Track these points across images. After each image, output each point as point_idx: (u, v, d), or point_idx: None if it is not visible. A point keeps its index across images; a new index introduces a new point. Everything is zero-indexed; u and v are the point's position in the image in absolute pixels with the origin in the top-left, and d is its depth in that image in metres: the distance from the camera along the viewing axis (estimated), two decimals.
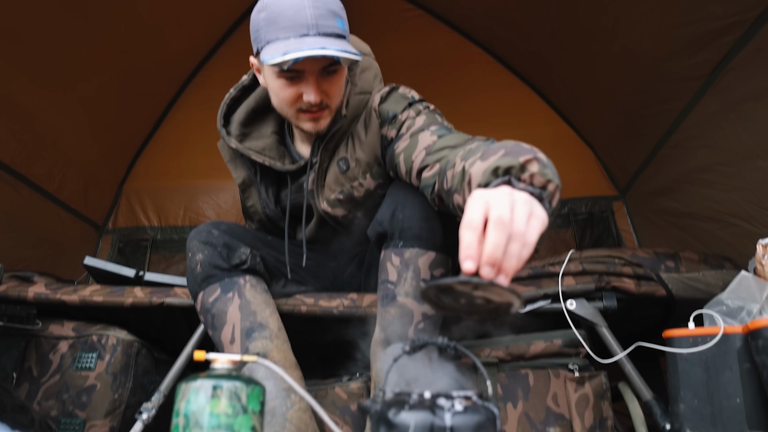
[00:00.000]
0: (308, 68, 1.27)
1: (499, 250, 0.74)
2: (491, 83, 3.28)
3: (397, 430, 0.76)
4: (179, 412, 0.85)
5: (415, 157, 1.24)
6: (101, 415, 1.48)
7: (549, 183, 0.87)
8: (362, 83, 1.47)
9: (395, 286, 1.26)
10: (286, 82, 1.31)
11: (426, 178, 1.19)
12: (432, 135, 1.24)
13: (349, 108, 1.43)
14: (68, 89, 2.51)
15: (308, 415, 1.26)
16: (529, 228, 0.76)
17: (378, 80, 1.51)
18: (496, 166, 0.87)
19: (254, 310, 1.36)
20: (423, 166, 1.20)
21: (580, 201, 3.10)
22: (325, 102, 1.34)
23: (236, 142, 1.50)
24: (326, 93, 1.33)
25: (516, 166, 0.86)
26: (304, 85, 1.30)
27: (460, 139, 1.19)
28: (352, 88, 1.45)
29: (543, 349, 1.42)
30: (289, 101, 1.34)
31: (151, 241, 3.22)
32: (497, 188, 0.81)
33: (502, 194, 0.77)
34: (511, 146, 0.92)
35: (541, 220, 0.78)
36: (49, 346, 1.59)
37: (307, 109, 1.34)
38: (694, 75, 1.98)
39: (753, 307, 1.32)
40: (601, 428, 1.36)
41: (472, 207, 0.77)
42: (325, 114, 1.37)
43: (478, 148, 1.01)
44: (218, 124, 1.52)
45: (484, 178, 0.88)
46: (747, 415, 1.19)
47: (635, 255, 1.59)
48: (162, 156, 3.34)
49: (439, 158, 1.16)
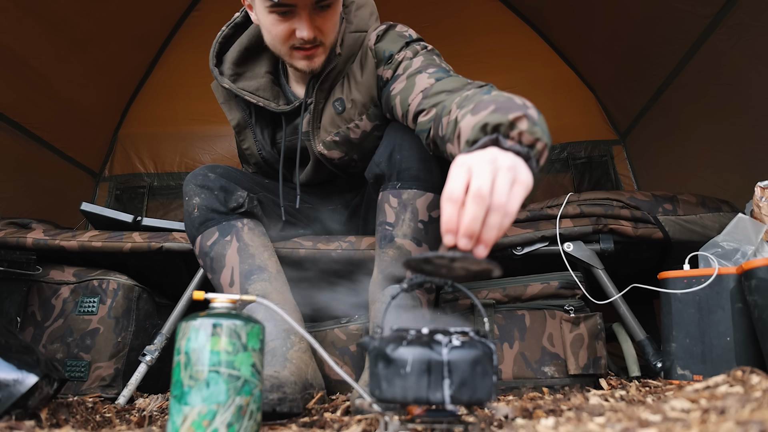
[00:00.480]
0: (300, 3, 1.24)
1: (476, 222, 0.75)
2: (492, 24, 3.20)
3: (395, 365, 0.77)
4: (180, 350, 0.87)
5: (412, 100, 1.21)
6: (105, 358, 1.52)
7: (537, 141, 0.87)
8: (357, 21, 1.43)
9: (393, 228, 1.27)
10: (278, 18, 1.28)
11: (422, 122, 1.17)
12: (429, 78, 1.22)
13: (344, 46, 1.40)
14: (58, 32, 2.45)
15: (308, 355, 1.29)
16: (511, 197, 0.77)
17: (374, 18, 1.47)
18: (485, 123, 0.87)
19: (252, 253, 1.37)
20: (419, 110, 1.18)
21: (579, 145, 3.08)
22: (318, 39, 1.31)
23: (229, 83, 1.47)
24: (320, 29, 1.30)
25: (505, 124, 0.86)
26: (297, 20, 1.27)
27: (458, 83, 1.17)
28: (347, 25, 1.42)
29: (539, 291, 1.44)
30: (281, 38, 1.31)
31: (148, 188, 3.22)
32: (483, 150, 0.81)
33: (484, 161, 0.77)
34: (503, 101, 0.91)
35: (524, 186, 0.78)
36: (51, 291, 1.61)
37: (301, 46, 1.31)
38: (701, 13, 1.93)
39: (748, 249, 1.33)
40: (594, 367, 1.39)
41: (453, 177, 0.78)
42: (319, 51, 1.34)
43: (474, 96, 1.00)
44: (210, 64, 1.49)
45: (473, 134, 0.88)
46: (736, 352, 1.22)
47: (633, 197, 1.59)
48: (156, 101, 3.29)
49: (435, 103, 1.14)
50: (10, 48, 2.25)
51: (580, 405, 1.05)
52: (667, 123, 2.46)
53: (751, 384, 0.94)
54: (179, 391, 0.84)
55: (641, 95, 2.59)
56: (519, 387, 1.37)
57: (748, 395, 0.77)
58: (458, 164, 0.79)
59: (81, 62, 2.68)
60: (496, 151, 0.81)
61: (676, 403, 0.82)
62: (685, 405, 0.80)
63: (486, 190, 0.75)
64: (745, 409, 0.67)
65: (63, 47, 2.53)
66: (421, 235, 1.24)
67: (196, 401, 0.83)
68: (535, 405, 1.11)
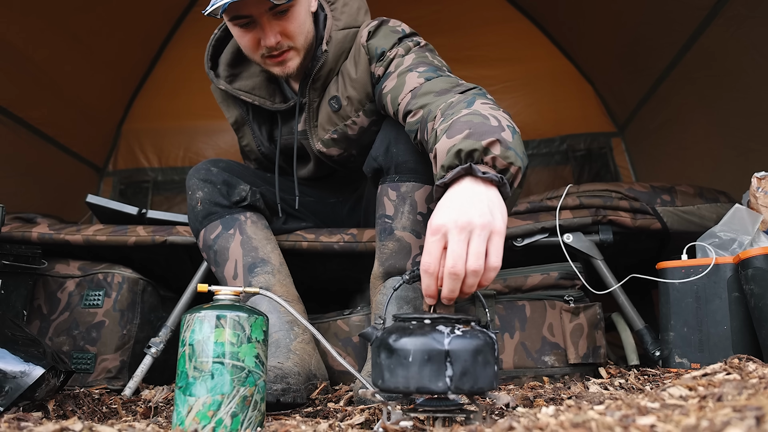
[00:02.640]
0: (254, 12, 1.26)
1: (454, 293, 0.85)
2: (491, 17, 3.19)
3: (398, 355, 0.79)
4: (185, 342, 0.89)
5: (401, 99, 1.22)
6: (111, 350, 1.53)
7: (511, 166, 0.91)
8: (346, 17, 1.42)
9: (392, 221, 1.28)
10: (240, 30, 1.31)
11: (410, 123, 1.19)
12: (419, 77, 1.22)
13: (331, 44, 1.40)
14: (61, 28, 2.45)
15: (311, 346, 1.31)
16: (490, 253, 0.84)
17: (363, 13, 1.46)
18: (459, 149, 0.90)
19: (256, 246, 1.38)
20: (407, 111, 1.19)
21: (578, 137, 3.09)
22: (285, 43, 1.32)
23: (225, 84, 1.48)
24: (284, 34, 1.31)
25: (479, 150, 0.89)
26: (259, 30, 1.29)
27: (447, 83, 1.17)
28: (334, 23, 1.41)
29: (540, 282, 1.46)
30: (250, 48, 1.34)
31: (152, 183, 3.23)
32: (458, 187, 0.88)
33: (457, 227, 0.83)
34: (477, 123, 0.94)
35: (501, 233, 0.85)
36: (57, 284, 1.63)
37: (269, 54, 1.33)
38: (698, 4, 1.94)
39: (745, 239, 1.34)
40: (594, 356, 1.41)
41: (429, 249, 0.85)
42: (290, 56, 1.35)
43: (457, 105, 1.04)
44: (206, 67, 1.50)
45: (447, 160, 0.91)
46: (733, 341, 1.24)
47: (632, 189, 1.60)
48: (159, 96, 3.30)
49: (423, 104, 1.15)
50: (13, 44, 2.26)
51: (580, 393, 1.07)
52: (665, 115, 2.46)
53: (747, 371, 0.96)
54: (184, 383, 0.86)
55: (639, 87, 2.59)
56: (520, 376, 1.39)
57: (744, 382, 0.78)
58: (433, 231, 0.85)
59: (84, 58, 2.69)
60: (469, 190, 0.87)
61: (675, 390, 0.83)
62: (683, 392, 0.82)
63: (460, 268, 0.83)
64: (742, 395, 0.69)
65: (66, 43, 2.53)
66: (420, 227, 1.25)
67: (201, 392, 0.85)
68: (536, 394, 1.13)
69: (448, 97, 1.10)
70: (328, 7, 1.44)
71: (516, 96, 3.13)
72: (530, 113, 3.11)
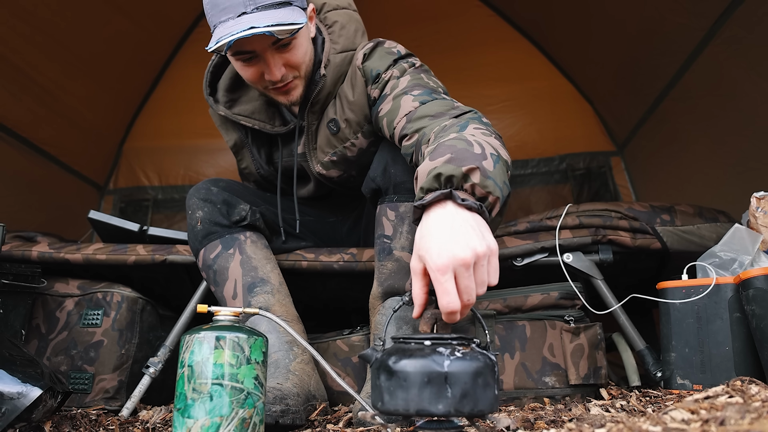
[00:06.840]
0: (258, 47, 1.26)
1: (454, 321, 0.86)
2: (490, 38, 3.22)
3: (398, 377, 0.78)
4: (184, 363, 0.88)
5: (397, 123, 1.23)
6: (109, 370, 1.52)
7: (489, 195, 0.92)
8: (343, 41, 1.42)
9: (391, 241, 1.28)
10: (243, 64, 1.31)
11: (405, 146, 1.20)
12: (414, 101, 1.22)
13: (330, 68, 1.40)
14: (66, 49, 2.48)
15: (311, 367, 1.30)
16: (490, 276, 0.86)
17: (360, 34, 1.46)
18: (438, 172, 0.91)
19: (255, 265, 1.38)
20: (403, 135, 1.20)
21: (578, 156, 3.10)
22: (289, 75, 1.33)
23: (225, 110, 1.49)
24: (288, 65, 1.31)
25: (458, 176, 0.90)
26: (263, 64, 1.29)
27: (442, 107, 1.18)
28: (332, 46, 1.42)
29: (540, 301, 1.45)
30: (253, 80, 1.34)
31: (153, 201, 3.24)
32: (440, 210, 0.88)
33: (466, 260, 0.83)
34: (461, 149, 0.94)
35: (495, 253, 0.87)
36: (56, 303, 1.62)
37: (273, 86, 1.34)
38: (696, 25, 1.96)
39: (745, 258, 1.34)
40: (595, 377, 1.40)
41: (446, 288, 0.83)
42: (294, 84, 1.36)
43: (450, 128, 1.05)
44: (205, 93, 1.51)
45: (427, 182, 0.92)
46: (735, 362, 1.23)
47: (631, 208, 1.60)
48: (160, 116, 3.32)
49: (418, 128, 1.16)
50: (17, 65, 2.28)
51: (581, 415, 1.06)
52: (664, 134, 2.48)
53: (750, 394, 0.95)
54: (183, 404, 0.85)
55: (638, 107, 2.61)
56: (520, 397, 1.38)
57: (747, 405, 0.77)
58: (442, 270, 0.83)
59: (88, 79, 2.72)
60: (458, 216, 0.87)
61: (677, 414, 0.83)
62: (685, 416, 0.81)
63: (455, 305, 0.83)
64: (745, 419, 0.68)
65: (70, 64, 2.56)
66: None
67: (200, 414, 0.84)
68: (537, 416, 1.11)
69: (442, 121, 1.11)
70: (325, 30, 1.44)
71: (515, 115, 3.15)
72: (529, 132, 3.13)
